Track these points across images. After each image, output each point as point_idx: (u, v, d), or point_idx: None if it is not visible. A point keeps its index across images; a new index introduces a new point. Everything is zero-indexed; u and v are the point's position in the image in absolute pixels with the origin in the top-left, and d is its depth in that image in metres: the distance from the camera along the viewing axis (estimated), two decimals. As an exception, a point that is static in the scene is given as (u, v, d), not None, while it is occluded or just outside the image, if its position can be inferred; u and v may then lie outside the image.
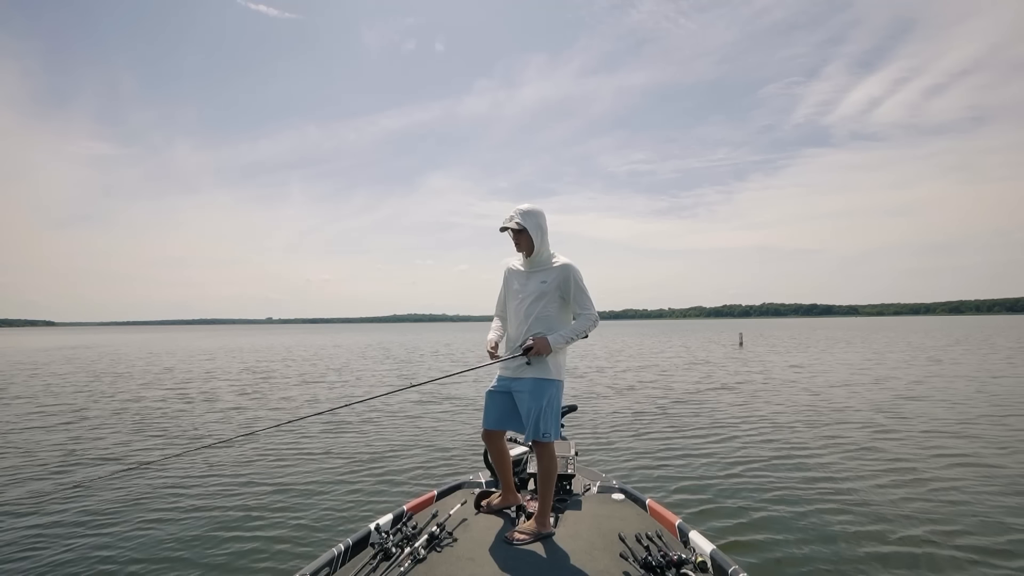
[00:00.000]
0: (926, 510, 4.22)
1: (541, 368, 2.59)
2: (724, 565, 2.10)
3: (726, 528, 3.92)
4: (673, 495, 4.65)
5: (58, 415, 9.02)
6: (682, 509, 4.23)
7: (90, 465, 5.88)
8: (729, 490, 4.76)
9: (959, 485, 4.80)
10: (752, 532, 3.85)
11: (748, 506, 4.36)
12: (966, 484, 4.84)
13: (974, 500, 4.42)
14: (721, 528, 3.91)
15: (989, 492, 4.62)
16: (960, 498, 4.47)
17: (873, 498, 4.51)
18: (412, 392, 11.65)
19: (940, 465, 5.46)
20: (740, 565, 2.09)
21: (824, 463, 5.58)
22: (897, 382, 12.07)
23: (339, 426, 7.81)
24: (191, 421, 8.43)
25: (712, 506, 4.39)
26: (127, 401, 10.59)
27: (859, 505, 4.35)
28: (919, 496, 4.55)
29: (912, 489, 4.73)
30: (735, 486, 4.87)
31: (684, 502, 4.48)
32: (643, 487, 4.65)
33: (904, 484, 4.87)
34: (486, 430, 2.80)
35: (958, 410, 8.46)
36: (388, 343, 38.39)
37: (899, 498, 4.50)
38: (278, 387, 12.79)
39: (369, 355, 24.76)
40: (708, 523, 3.97)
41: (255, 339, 50.76)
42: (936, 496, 4.54)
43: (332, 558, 2.25)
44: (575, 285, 2.60)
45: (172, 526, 4.10)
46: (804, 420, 7.89)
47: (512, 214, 2.62)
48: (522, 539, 2.49)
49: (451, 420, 8.18)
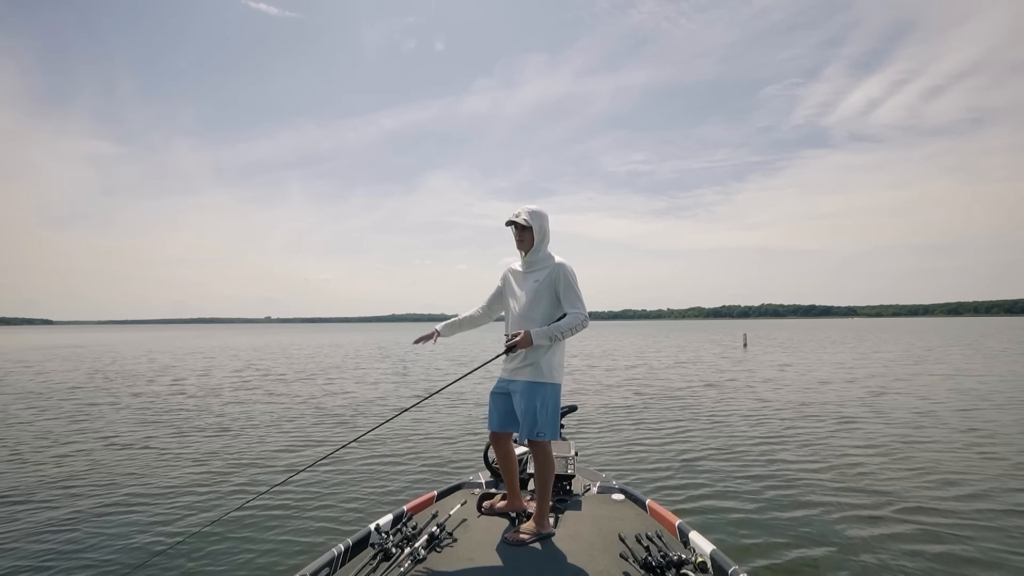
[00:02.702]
0: (927, 511, 4.22)
1: (535, 371, 2.59)
2: (724, 565, 2.09)
3: (726, 528, 3.92)
4: (673, 495, 4.65)
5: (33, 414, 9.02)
6: (682, 509, 4.23)
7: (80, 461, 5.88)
8: (729, 491, 4.76)
9: (971, 493, 4.77)
10: (752, 532, 3.85)
11: (748, 506, 4.36)
12: (972, 488, 4.84)
13: (978, 500, 4.43)
14: (721, 528, 3.91)
15: (995, 500, 4.62)
16: (963, 501, 4.48)
17: (873, 498, 4.51)
18: (412, 392, 11.65)
19: (945, 469, 5.45)
20: (740, 565, 2.09)
21: (825, 464, 5.58)
22: (905, 385, 12.08)
23: (339, 426, 7.80)
24: (187, 422, 8.43)
25: (712, 506, 4.39)
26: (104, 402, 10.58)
27: (859, 506, 4.35)
28: (919, 496, 4.55)
29: (913, 490, 4.73)
30: (735, 487, 4.87)
31: (684, 502, 4.48)
32: (643, 487, 4.65)
33: (905, 484, 4.88)
34: (492, 432, 2.80)
35: (976, 416, 8.47)
36: (387, 342, 38.35)
37: (899, 498, 4.50)
38: (278, 386, 12.78)
39: (368, 354, 24.74)
40: (708, 523, 3.97)
41: (254, 339, 50.69)
42: (937, 496, 4.55)
43: (332, 558, 2.24)
44: (565, 283, 2.60)
45: (170, 527, 4.10)
46: (805, 421, 7.90)
47: (520, 211, 2.67)
48: (522, 539, 2.49)
49: (451, 420, 8.17)
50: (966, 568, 3.32)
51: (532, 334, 2.53)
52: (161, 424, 8.14)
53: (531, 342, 2.53)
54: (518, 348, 2.55)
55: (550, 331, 2.55)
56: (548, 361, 2.62)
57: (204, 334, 71.55)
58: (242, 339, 48.85)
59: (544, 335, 2.54)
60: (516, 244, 2.73)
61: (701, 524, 3.82)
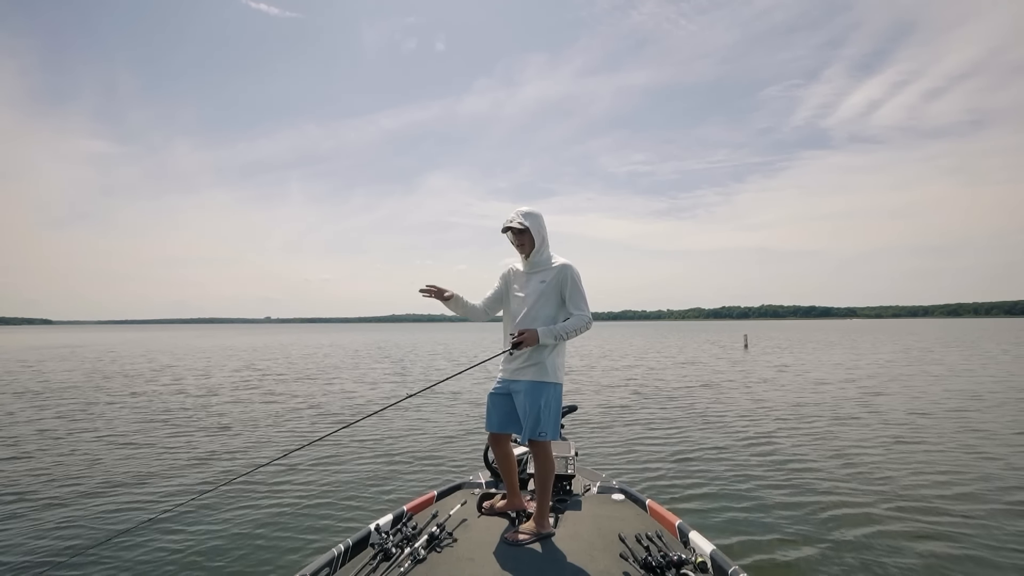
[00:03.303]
0: (925, 511, 4.22)
1: (539, 370, 2.60)
2: (724, 565, 2.10)
3: (726, 528, 3.92)
4: (673, 495, 4.65)
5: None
6: (682, 509, 4.23)
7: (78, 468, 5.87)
8: (729, 491, 4.76)
9: (967, 492, 4.78)
10: (752, 532, 3.85)
11: (748, 506, 4.36)
12: (973, 491, 4.85)
13: (975, 500, 4.44)
14: (721, 528, 3.91)
15: (998, 507, 4.63)
16: (962, 503, 4.49)
17: (873, 498, 4.51)
18: (411, 391, 11.65)
19: (943, 469, 5.46)
20: (740, 565, 2.09)
21: (825, 465, 5.58)
22: (902, 385, 12.09)
23: (338, 425, 7.80)
24: (187, 422, 8.42)
25: (712, 506, 4.39)
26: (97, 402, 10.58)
27: (860, 505, 4.35)
28: (919, 497, 4.55)
29: (912, 489, 4.74)
30: (735, 487, 4.87)
31: (684, 502, 4.48)
32: (643, 487, 4.66)
33: (906, 486, 4.88)
34: (491, 433, 2.80)
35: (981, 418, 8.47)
36: (386, 342, 38.36)
37: (899, 497, 4.50)
38: (277, 385, 12.78)
39: (368, 355, 24.74)
40: (708, 523, 3.97)
41: (253, 339, 50.68)
42: (937, 498, 4.55)
43: (332, 558, 2.24)
44: (572, 284, 2.62)
45: (169, 530, 4.10)
46: (806, 422, 7.90)
47: (513, 215, 2.65)
48: (522, 539, 2.49)
49: (451, 420, 8.17)
50: (966, 566, 3.33)
51: (539, 332, 2.54)
52: (160, 424, 8.13)
53: (538, 340, 2.54)
54: (524, 346, 2.56)
55: (556, 330, 2.56)
56: (552, 361, 2.62)
57: (204, 334, 71.51)
58: (241, 339, 48.83)
59: (550, 334, 2.55)
60: (516, 248, 2.72)
61: (701, 524, 3.82)
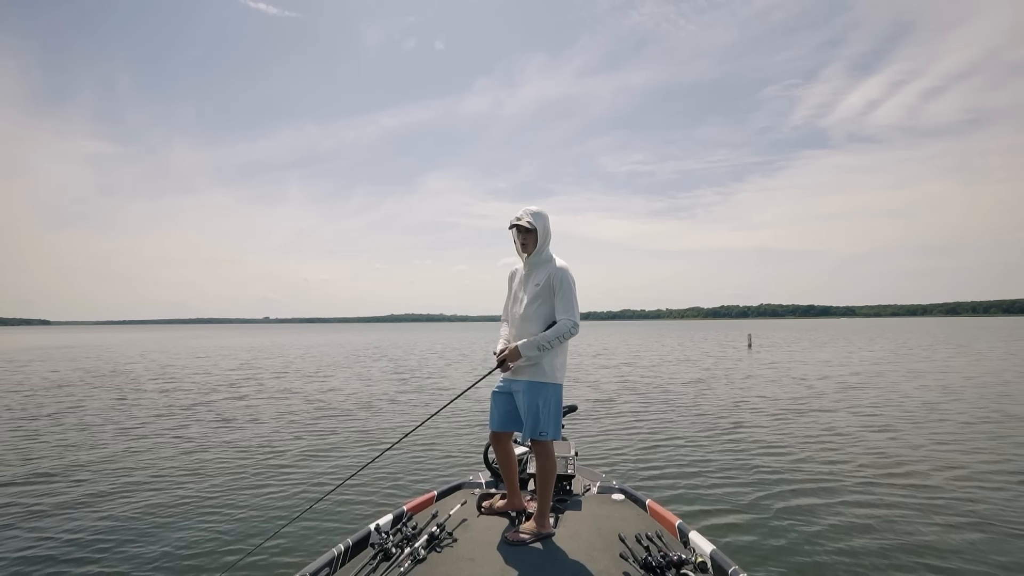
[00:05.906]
0: (925, 510, 4.23)
1: (537, 371, 2.61)
2: (724, 565, 2.10)
3: (726, 528, 3.92)
4: (673, 495, 4.65)
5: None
6: (682, 509, 4.23)
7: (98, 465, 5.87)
8: (729, 491, 4.76)
9: (971, 495, 4.76)
10: (752, 532, 3.86)
11: (748, 506, 4.36)
12: (978, 494, 4.85)
13: (975, 505, 4.44)
14: (721, 528, 3.91)
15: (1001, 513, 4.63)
16: (960, 501, 4.49)
17: (873, 498, 4.52)
18: (411, 393, 11.64)
19: (951, 476, 5.46)
20: (740, 565, 2.09)
21: (825, 465, 5.59)
22: (922, 383, 12.09)
23: (339, 425, 7.79)
24: (185, 422, 8.41)
25: (712, 506, 4.39)
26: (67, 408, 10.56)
27: (859, 506, 4.36)
28: (919, 496, 4.56)
29: (913, 491, 4.74)
30: (735, 487, 4.87)
31: (684, 502, 4.48)
32: (643, 487, 4.65)
33: (906, 487, 4.88)
34: (493, 432, 2.81)
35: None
36: (385, 342, 38.34)
37: (899, 498, 4.51)
38: (276, 384, 12.77)
39: (367, 355, 24.72)
40: (708, 523, 3.97)
41: (252, 339, 50.64)
42: (936, 498, 4.56)
43: (332, 558, 2.24)
44: (562, 287, 2.60)
45: (169, 529, 4.09)
46: (806, 422, 7.91)
47: (522, 213, 2.64)
48: (522, 539, 2.49)
49: (451, 420, 8.16)
50: (965, 565, 3.33)
51: (520, 347, 2.56)
52: (159, 424, 8.13)
53: (519, 355, 2.57)
54: (507, 363, 2.61)
55: (538, 342, 2.56)
56: (550, 361, 2.62)
57: (203, 334, 71.45)
58: (241, 339, 48.79)
59: (532, 346, 2.56)
60: (518, 247, 2.70)
61: (701, 524, 3.83)
